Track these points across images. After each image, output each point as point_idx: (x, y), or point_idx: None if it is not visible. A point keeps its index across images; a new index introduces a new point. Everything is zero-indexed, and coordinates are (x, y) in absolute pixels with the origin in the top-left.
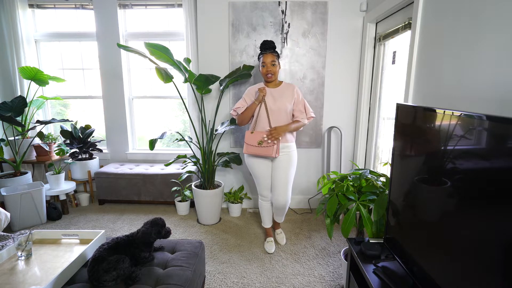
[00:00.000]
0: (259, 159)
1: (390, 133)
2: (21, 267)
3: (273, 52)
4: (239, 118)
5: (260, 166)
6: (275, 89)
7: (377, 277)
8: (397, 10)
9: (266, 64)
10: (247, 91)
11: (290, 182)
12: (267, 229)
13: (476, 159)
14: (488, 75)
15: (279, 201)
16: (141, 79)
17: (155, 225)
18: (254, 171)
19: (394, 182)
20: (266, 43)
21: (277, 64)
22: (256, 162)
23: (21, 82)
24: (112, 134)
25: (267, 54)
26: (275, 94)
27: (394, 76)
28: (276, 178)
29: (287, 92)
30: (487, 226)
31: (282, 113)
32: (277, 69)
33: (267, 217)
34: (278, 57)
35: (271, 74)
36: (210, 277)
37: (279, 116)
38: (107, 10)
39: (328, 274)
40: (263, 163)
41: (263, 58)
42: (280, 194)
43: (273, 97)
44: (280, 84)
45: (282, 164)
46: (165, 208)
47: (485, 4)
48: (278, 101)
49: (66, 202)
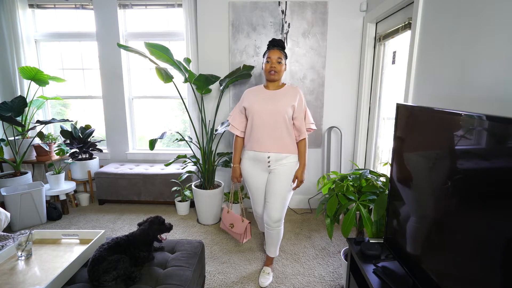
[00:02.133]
0: (254, 171)
1: (390, 133)
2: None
3: (281, 50)
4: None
5: (255, 179)
6: (275, 91)
7: (377, 277)
8: (397, 10)
9: (272, 59)
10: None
11: (285, 198)
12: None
13: (476, 159)
14: (488, 75)
15: (269, 217)
16: (141, 79)
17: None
18: (248, 183)
19: (394, 182)
20: (275, 40)
21: (283, 63)
22: (251, 174)
23: (21, 82)
24: (112, 134)
25: (274, 50)
26: (274, 95)
27: (394, 76)
28: (270, 191)
29: (289, 95)
30: (487, 226)
31: (280, 117)
32: (282, 68)
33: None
34: (286, 57)
35: (275, 71)
36: (210, 277)
37: (276, 121)
38: (107, 10)
39: (328, 274)
40: (259, 175)
41: (268, 53)
42: (272, 209)
43: (272, 99)
44: (282, 86)
45: (278, 177)
46: (165, 208)
47: (485, 4)
48: (276, 103)
49: (66, 202)
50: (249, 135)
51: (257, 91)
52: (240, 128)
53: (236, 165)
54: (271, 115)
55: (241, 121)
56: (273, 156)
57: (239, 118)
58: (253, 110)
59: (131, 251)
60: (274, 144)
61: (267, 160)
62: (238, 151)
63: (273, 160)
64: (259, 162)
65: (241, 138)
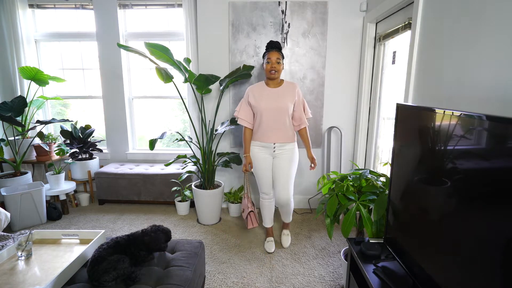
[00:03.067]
0: (261, 156)
1: (390, 133)
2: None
3: (279, 51)
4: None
5: (262, 163)
6: (277, 89)
7: (377, 277)
8: (397, 10)
9: (272, 60)
10: (248, 92)
11: (291, 179)
12: (268, 228)
13: (476, 159)
14: (488, 75)
15: (280, 199)
16: (141, 79)
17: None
18: (255, 167)
19: (394, 182)
20: (273, 42)
21: (281, 63)
22: (258, 157)
23: (21, 82)
24: (112, 134)
25: (273, 51)
26: (276, 93)
27: (394, 76)
28: (277, 175)
29: (289, 91)
30: (487, 226)
31: (283, 112)
32: (281, 67)
33: (268, 216)
34: (283, 57)
35: (275, 71)
36: (210, 277)
37: (280, 116)
38: (107, 10)
39: (328, 274)
40: (266, 158)
41: (268, 55)
42: (281, 191)
43: (275, 97)
44: (282, 83)
45: (283, 162)
46: (165, 208)
47: (485, 4)
48: (279, 101)
49: (66, 202)
50: (257, 129)
51: (260, 88)
52: (249, 120)
53: (247, 155)
54: (275, 111)
55: (249, 114)
56: (278, 145)
57: (247, 111)
58: (260, 108)
59: (131, 250)
60: (278, 135)
61: (273, 147)
62: (248, 142)
63: (277, 147)
64: (266, 148)
65: (250, 129)
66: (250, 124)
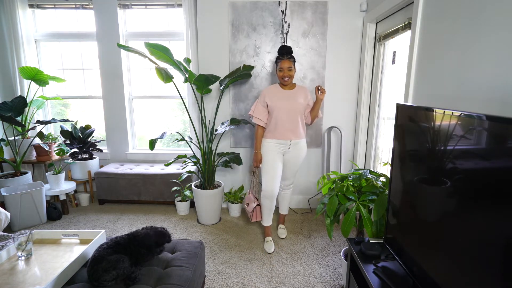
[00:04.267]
0: (275, 152)
1: (390, 133)
2: (21, 267)
3: (290, 58)
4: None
5: (274, 158)
6: (291, 91)
7: (377, 277)
8: (397, 10)
9: (284, 69)
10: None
11: (298, 169)
12: (266, 228)
13: (476, 159)
14: (488, 75)
15: (286, 180)
16: (141, 79)
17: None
18: (265, 162)
19: (394, 182)
20: (284, 48)
21: (293, 69)
22: (271, 154)
23: (21, 82)
24: (112, 134)
25: (285, 60)
26: (290, 95)
27: (394, 76)
28: (287, 169)
29: (301, 94)
30: (487, 226)
31: (297, 111)
32: (293, 73)
33: (268, 214)
34: (295, 61)
35: (288, 78)
36: (210, 277)
37: (295, 115)
38: (107, 10)
39: (328, 274)
40: (277, 155)
41: (280, 64)
42: (289, 176)
43: (289, 98)
44: (294, 86)
45: (294, 159)
46: (165, 208)
47: (485, 4)
48: (294, 101)
49: (66, 202)
50: (273, 128)
51: (275, 90)
52: (263, 119)
53: (258, 151)
54: (291, 111)
55: (263, 113)
56: (293, 142)
57: (262, 111)
58: (276, 108)
59: (131, 250)
60: (293, 133)
61: (289, 144)
62: (259, 139)
63: (292, 144)
64: (282, 145)
65: (263, 128)
66: (264, 123)
